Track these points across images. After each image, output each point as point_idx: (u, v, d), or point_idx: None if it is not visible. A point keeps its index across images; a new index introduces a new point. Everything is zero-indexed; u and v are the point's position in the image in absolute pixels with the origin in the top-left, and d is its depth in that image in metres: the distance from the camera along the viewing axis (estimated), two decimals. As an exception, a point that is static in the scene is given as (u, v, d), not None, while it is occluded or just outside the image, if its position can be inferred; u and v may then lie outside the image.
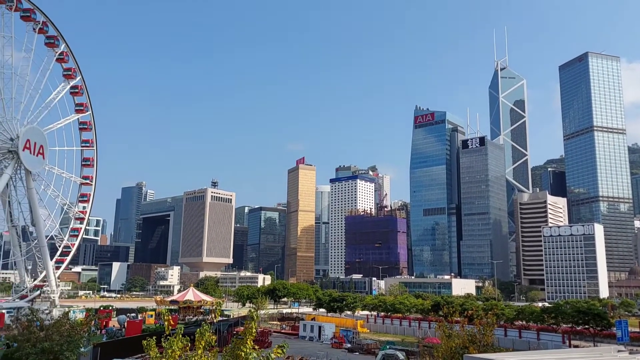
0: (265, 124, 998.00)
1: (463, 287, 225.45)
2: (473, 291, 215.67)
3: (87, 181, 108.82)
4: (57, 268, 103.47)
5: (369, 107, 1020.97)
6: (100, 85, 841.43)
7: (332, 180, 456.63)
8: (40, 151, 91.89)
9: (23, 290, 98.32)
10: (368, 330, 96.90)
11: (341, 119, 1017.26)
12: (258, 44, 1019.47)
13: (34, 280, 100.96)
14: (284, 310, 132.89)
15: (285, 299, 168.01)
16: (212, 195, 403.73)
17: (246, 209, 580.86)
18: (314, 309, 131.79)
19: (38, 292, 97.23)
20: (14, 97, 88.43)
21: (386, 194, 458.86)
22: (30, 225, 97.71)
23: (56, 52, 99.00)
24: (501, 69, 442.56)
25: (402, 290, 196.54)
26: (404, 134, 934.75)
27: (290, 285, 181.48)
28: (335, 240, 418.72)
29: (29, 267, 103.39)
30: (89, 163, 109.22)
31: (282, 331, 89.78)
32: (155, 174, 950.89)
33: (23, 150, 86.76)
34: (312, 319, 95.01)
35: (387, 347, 65.56)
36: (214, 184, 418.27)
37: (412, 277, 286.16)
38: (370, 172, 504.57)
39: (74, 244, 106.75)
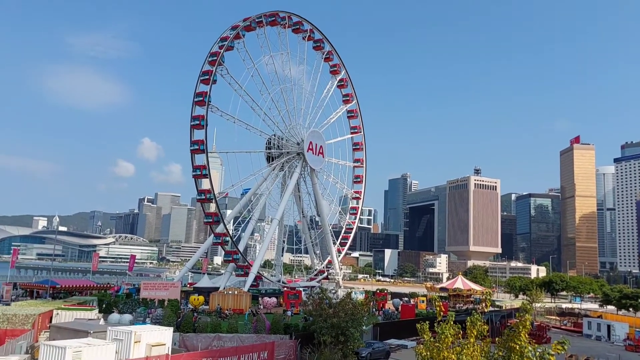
0: (530, 103, 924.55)
1: None
2: None
3: (359, 164, 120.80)
4: (343, 245, 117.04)
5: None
6: (365, 85, 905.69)
7: (616, 160, 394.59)
8: (320, 151, 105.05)
9: (314, 271, 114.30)
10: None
11: (621, 85, 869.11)
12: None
13: (322, 263, 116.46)
14: (563, 305, 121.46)
15: (564, 293, 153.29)
16: (475, 183, 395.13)
17: (513, 196, 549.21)
18: (600, 305, 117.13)
19: (325, 274, 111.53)
20: (296, 106, 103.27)
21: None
22: (316, 215, 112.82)
23: (323, 53, 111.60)
24: None
25: None
26: None
27: (570, 278, 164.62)
28: (625, 229, 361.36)
29: (318, 252, 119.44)
30: (358, 147, 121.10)
31: (562, 327, 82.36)
32: (418, 164, 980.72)
33: (307, 151, 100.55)
34: (598, 316, 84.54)
35: None
36: (477, 172, 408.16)
37: None
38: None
39: (354, 221, 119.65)
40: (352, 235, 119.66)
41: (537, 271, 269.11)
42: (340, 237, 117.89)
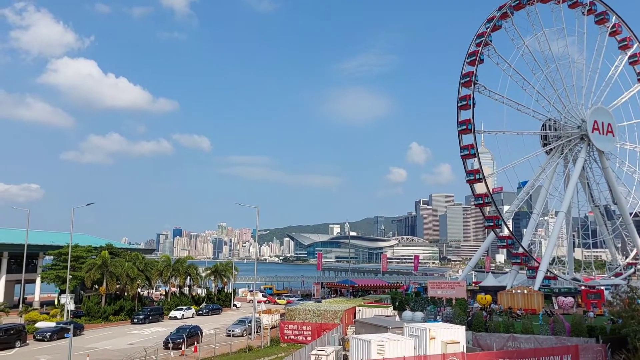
0: None
1: None
2: None
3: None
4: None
5: None
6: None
7: None
8: (609, 129, 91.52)
9: (616, 267, 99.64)
10: None
11: None
12: None
13: (625, 258, 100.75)
14: None
15: None
16: None
17: None
18: None
19: (632, 269, 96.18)
20: (575, 84, 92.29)
21: None
22: (612, 203, 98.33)
23: (607, 27, 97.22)
24: None
25: None
26: None
27: None
28: None
29: (619, 245, 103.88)
30: None
31: None
32: None
33: (592, 132, 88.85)
34: None
35: None
36: None
37: None
38: None
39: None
40: None
41: None
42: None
